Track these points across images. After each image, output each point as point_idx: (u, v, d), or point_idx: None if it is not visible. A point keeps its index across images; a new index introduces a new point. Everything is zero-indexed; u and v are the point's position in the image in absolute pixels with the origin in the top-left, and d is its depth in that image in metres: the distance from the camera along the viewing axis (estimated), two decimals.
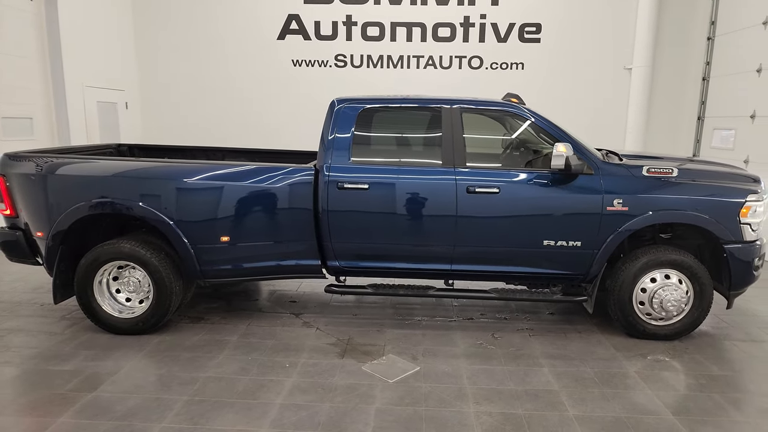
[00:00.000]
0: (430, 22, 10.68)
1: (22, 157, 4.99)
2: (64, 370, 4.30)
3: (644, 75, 10.32)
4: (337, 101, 5.18)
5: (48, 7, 8.78)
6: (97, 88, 9.79)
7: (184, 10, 10.87)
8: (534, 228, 4.88)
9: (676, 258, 4.85)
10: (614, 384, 4.22)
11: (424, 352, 4.75)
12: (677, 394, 4.10)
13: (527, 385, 4.17)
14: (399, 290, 5.25)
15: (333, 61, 10.87)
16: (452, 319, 5.53)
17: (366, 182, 4.90)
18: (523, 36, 10.65)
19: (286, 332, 5.14)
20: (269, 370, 4.37)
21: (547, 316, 5.69)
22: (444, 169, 4.93)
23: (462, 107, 5.08)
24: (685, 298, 4.88)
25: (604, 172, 4.85)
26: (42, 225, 4.90)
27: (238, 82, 11.02)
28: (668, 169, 4.86)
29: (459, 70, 10.81)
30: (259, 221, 4.94)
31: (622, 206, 4.76)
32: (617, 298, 4.93)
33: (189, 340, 4.90)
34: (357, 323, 5.41)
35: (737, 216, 4.77)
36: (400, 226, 4.96)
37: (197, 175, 4.88)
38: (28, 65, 8.58)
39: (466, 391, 4.06)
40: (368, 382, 4.18)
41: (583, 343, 4.99)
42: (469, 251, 4.99)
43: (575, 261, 4.94)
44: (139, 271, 4.90)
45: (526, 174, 4.92)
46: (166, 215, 4.81)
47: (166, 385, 4.08)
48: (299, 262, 5.11)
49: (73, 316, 5.38)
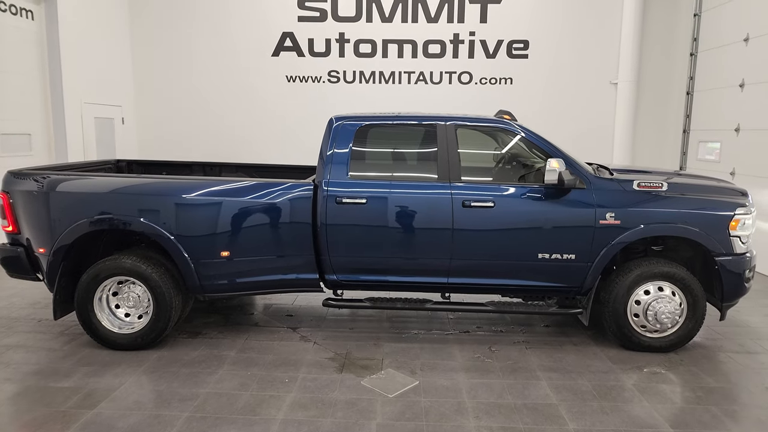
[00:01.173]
0: (421, 40, 10.86)
1: (25, 175, 5.02)
2: (64, 386, 4.29)
3: (630, 90, 10.53)
4: (336, 118, 5.25)
5: (48, 25, 8.86)
6: (95, 104, 9.82)
7: (181, 27, 10.95)
8: (529, 241, 4.96)
9: (668, 270, 4.93)
10: (612, 397, 4.27)
11: (422, 365, 4.78)
12: (675, 407, 4.15)
13: (526, 399, 4.21)
14: (396, 304, 5.29)
15: (326, 77, 10.99)
16: (449, 332, 5.58)
17: (364, 197, 4.97)
18: (512, 52, 10.84)
19: (284, 346, 5.16)
20: (269, 385, 4.38)
21: (542, 328, 5.76)
22: (440, 184, 5.01)
23: (456, 124, 5.17)
24: (679, 310, 4.95)
25: (595, 186, 4.95)
26: (44, 241, 4.92)
27: (234, 98, 11.09)
28: (658, 184, 4.98)
29: (449, 85, 10.97)
30: (258, 236, 4.97)
31: (615, 219, 4.86)
32: (612, 310, 5.00)
33: (188, 355, 4.91)
34: (354, 337, 5.44)
35: (727, 229, 4.88)
36: (398, 240, 5.02)
37: (197, 191, 4.92)
38: (28, 82, 8.62)
39: (466, 405, 4.10)
40: (368, 397, 4.20)
41: (579, 355, 5.05)
42: (465, 264, 5.06)
43: (570, 274, 5.02)
44: (138, 287, 4.91)
45: (520, 188, 5.01)
46: (166, 230, 4.84)
47: (166, 402, 4.08)
48: (298, 276, 5.14)
49: (72, 332, 5.37)
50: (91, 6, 9.76)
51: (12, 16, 8.25)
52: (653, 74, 10.82)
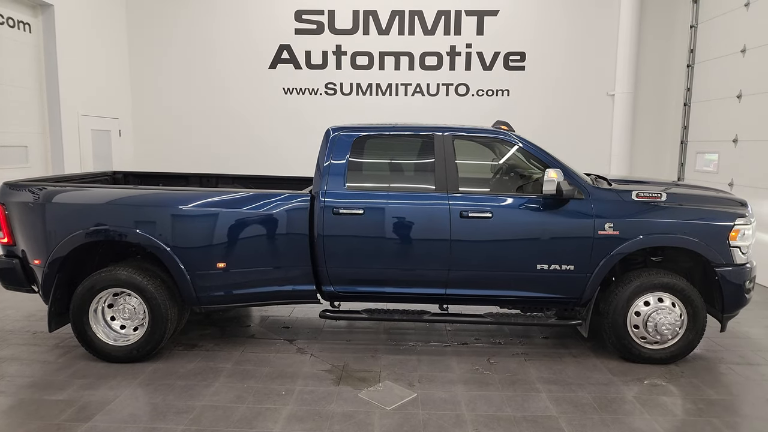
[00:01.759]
0: (418, 52, 10.91)
1: (21, 186, 5.00)
2: (59, 399, 4.24)
3: (627, 101, 10.57)
4: (333, 129, 5.24)
5: (46, 38, 8.89)
6: (92, 117, 9.83)
7: (178, 39, 10.99)
8: (527, 252, 4.93)
9: (668, 281, 4.90)
10: (613, 409, 4.22)
11: (420, 378, 4.73)
12: (676, 420, 4.10)
13: (526, 411, 4.17)
14: (394, 315, 5.26)
15: (323, 89, 11.02)
16: (446, 344, 5.54)
17: (361, 207, 4.94)
18: (508, 64, 10.89)
19: (280, 359, 5.12)
20: (265, 397, 4.33)
21: (541, 340, 5.72)
22: (437, 195, 4.99)
23: (454, 134, 5.16)
24: (679, 321, 4.92)
25: (594, 196, 4.93)
26: (39, 253, 4.88)
27: (230, 110, 11.11)
28: (657, 194, 4.96)
29: (446, 97, 11.01)
30: (255, 247, 4.94)
31: (614, 230, 4.83)
32: (611, 321, 4.97)
33: (183, 368, 4.86)
34: (351, 349, 5.39)
35: (727, 239, 4.86)
36: (395, 251, 4.99)
37: (194, 202, 4.90)
38: (25, 94, 8.63)
39: (465, 418, 4.05)
40: (366, 410, 4.16)
41: (579, 367, 5.01)
42: (463, 275, 5.03)
43: (569, 285, 4.99)
44: (134, 298, 4.87)
45: (518, 199, 4.99)
46: (162, 241, 4.81)
47: (161, 415, 4.03)
48: (295, 288, 5.11)
49: (66, 344, 5.32)
50: (89, 19, 9.80)
51: (9, 29, 8.27)
52: (650, 85, 10.87)
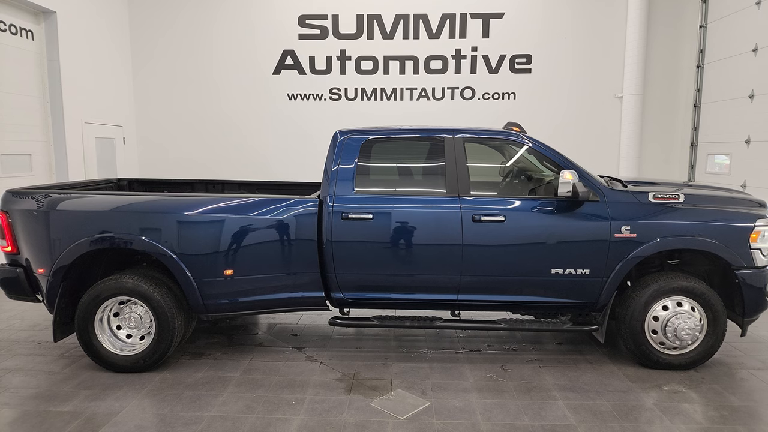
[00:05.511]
0: (423, 55, 10.82)
1: (24, 194, 4.92)
2: (64, 411, 4.15)
3: (635, 103, 10.44)
4: (340, 133, 5.15)
5: (49, 46, 8.86)
6: (96, 124, 9.79)
7: (182, 46, 10.95)
8: (541, 256, 4.82)
9: (687, 285, 4.78)
10: (633, 417, 4.10)
11: (433, 386, 4.62)
12: (700, 428, 3.97)
13: (543, 420, 4.05)
14: (405, 322, 5.14)
15: (328, 94, 10.94)
16: (458, 351, 5.43)
17: (370, 212, 4.84)
18: (514, 67, 10.79)
19: (289, 367, 5.01)
20: (275, 407, 4.23)
21: (554, 346, 5.60)
22: (448, 198, 4.89)
23: (465, 137, 5.07)
24: (699, 326, 4.80)
25: (610, 198, 4.82)
26: (44, 261, 4.80)
27: (235, 117, 11.05)
28: (675, 195, 4.84)
29: (452, 101, 10.92)
30: (262, 254, 4.85)
31: (630, 233, 4.72)
32: (629, 326, 4.84)
33: (191, 377, 4.76)
34: (361, 357, 5.28)
35: (747, 241, 4.73)
36: (405, 256, 4.89)
37: (200, 208, 4.81)
38: (29, 103, 8.59)
39: (481, 427, 3.93)
40: (378, 419, 4.05)
41: (595, 374, 4.88)
42: (475, 281, 4.91)
43: (584, 289, 4.87)
44: (140, 307, 4.79)
45: (531, 202, 4.88)
46: (168, 249, 4.72)
47: (169, 426, 3.93)
48: (303, 295, 5.00)
49: (72, 354, 5.23)
50: (92, 26, 9.76)
51: (12, 36, 8.23)
52: (659, 87, 10.75)
